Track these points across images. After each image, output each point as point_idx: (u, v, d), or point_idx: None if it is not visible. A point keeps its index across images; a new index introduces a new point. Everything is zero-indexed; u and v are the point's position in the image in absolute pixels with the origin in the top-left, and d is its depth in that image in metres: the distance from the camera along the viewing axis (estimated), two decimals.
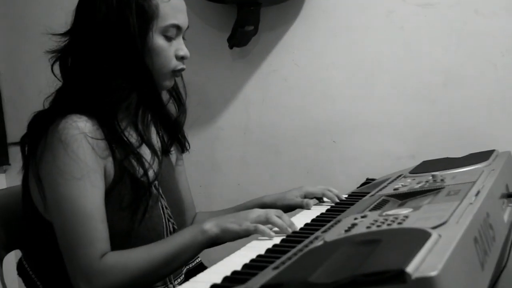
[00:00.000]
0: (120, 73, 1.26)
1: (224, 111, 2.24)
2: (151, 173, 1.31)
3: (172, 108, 1.45)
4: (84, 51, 1.27)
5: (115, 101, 1.26)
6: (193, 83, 1.63)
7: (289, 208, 1.54)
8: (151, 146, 1.33)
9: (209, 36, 2.21)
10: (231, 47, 2.11)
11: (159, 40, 1.30)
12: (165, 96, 1.42)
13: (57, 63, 1.32)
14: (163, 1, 1.30)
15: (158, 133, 1.45)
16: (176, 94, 1.44)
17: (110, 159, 1.26)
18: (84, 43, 1.27)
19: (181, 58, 1.35)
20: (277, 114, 2.19)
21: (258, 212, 1.26)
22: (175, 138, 1.48)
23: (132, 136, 1.32)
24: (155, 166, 1.33)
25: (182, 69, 1.36)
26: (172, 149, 1.49)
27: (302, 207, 1.54)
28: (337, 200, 1.56)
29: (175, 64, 1.34)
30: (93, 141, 1.23)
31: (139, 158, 1.29)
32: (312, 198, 1.57)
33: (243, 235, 1.24)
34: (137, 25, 1.26)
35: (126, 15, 1.25)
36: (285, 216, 1.28)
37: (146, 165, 1.30)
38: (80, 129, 1.22)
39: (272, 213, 1.26)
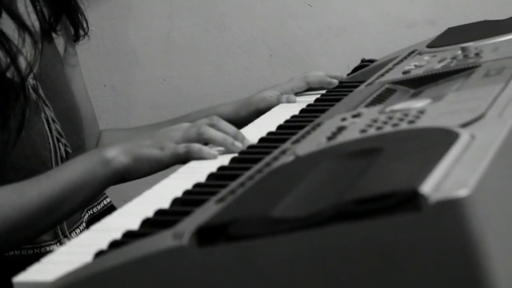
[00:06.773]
0: None
1: None
2: (22, 63, 1.18)
3: None
4: None
5: None
6: None
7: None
8: (16, 18, 1.18)
9: None
10: None
11: None
12: None
13: None
14: None
15: (34, 2, 1.31)
16: None
17: None
18: None
19: None
20: None
21: (184, 126, 1.16)
22: (63, 11, 1.33)
23: None
24: (29, 51, 1.22)
25: None
26: (58, 33, 1.38)
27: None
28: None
29: None
30: None
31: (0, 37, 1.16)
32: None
33: (168, 163, 1.12)
34: None
35: None
36: (225, 124, 1.16)
37: (13, 49, 1.17)
38: None
39: (205, 123, 1.15)
